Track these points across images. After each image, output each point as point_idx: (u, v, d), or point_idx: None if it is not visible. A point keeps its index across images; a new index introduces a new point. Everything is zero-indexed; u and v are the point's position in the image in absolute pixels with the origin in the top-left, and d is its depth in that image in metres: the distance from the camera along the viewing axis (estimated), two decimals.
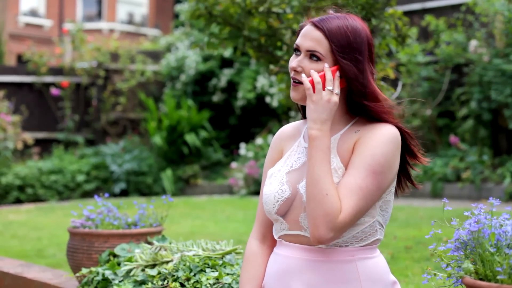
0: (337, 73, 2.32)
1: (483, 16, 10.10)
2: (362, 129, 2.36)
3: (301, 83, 2.35)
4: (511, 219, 2.20)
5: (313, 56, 2.33)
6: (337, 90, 2.30)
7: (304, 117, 2.56)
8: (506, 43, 9.80)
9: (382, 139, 2.31)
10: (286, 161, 2.46)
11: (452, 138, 10.14)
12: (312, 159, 2.26)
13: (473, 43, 10.12)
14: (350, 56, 2.31)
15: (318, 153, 2.25)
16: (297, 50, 2.38)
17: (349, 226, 2.27)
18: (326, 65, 2.31)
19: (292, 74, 2.38)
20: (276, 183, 2.40)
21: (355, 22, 2.36)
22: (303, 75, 2.32)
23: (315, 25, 2.34)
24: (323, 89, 2.29)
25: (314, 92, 2.29)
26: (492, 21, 9.97)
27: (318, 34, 2.33)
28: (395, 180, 2.39)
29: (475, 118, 9.98)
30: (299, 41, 2.37)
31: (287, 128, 2.59)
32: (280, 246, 2.45)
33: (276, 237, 2.47)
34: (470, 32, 10.40)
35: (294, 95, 2.38)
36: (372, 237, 2.36)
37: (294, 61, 2.36)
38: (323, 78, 2.30)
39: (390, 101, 2.41)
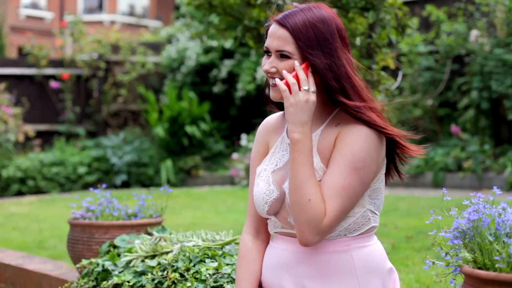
0: (309, 69, 2.26)
1: (484, 6, 10.08)
2: (342, 122, 2.30)
3: None
4: (510, 208, 2.20)
5: (282, 55, 2.28)
6: (313, 88, 2.25)
7: (281, 109, 2.52)
8: (507, 32, 9.78)
9: (362, 132, 2.26)
10: (271, 159, 2.42)
11: (453, 128, 10.13)
12: (294, 163, 2.22)
13: (474, 33, 10.09)
14: (319, 50, 2.25)
15: (300, 157, 2.21)
16: (267, 51, 2.33)
17: (335, 226, 2.25)
18: (297, 64, 2.26)
19: (268, 76, 2.34)
20: (263, 183, 2.37)
21: (321, 11, 2.30)
22: (277, 79, 2.27)
23: (279, 23, 2.29)
24: (299, 90, 2.23)
25: (290, 93, 2.24)
26: (493, 10, 9.95)
27: (283, 32, 2.27)
28: (384, 168, 2.36)
29: (476, 107, 9.96)
30: (267, 42, 2.32)
31: (271, 120, 2.54)
32: (275, 239, 2.44)
33: (271, 233, 2.46)
34: (471, 22, 10.37)
35: (274, 95, 2.33)
36: (366, 226, 2.34)
37: (266, 64, 2.32)
38: (297, 78, 2.25)
39: (370, 94, 2.34)
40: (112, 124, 13.72)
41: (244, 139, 12.21)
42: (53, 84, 13.38)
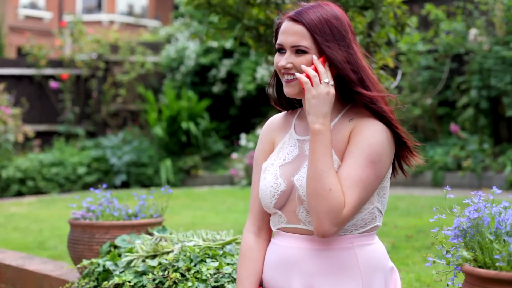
0: (327, 63, 2.31)
1: (483, 4, 10.08)
2: (356, 117, 2.36)
3: (294, 79, 2.34)
4: (511, 207, 2.20)
5: (298, 50, 2.32)
6: (332, 81, 2.30)
7: (286, 109, 2.55)
8: (506, 31, 9.78)
9: (378, 127, 2.31)
10: (279, 154, 2.45)
11: (453, 127, 10.13)
12: (315, 153, 2.25)
13: (473, 31, 10.09)
14: (336, 43, 2.31)
15: (321, 147, 2.25)
16: (280, 49, 2.37)
17: (351, 218, 2.28)
18: (315, 57, 2.30)
19: (282, 72, 2.37)
20: (270, 177, 2.39)
21: (331, 7, 2.35)
22: (297, 73, 2.31)
23: (294, 19, 2.33)
24: (320, 82, 2.28)
25: (312, 86, 2.28)
26: (492, 9, 9.95)
27: (298, 28, 2.31)
28: (391, 166, 2.40)
29: (475, 106, 9.96)
30: (281, 39, 2.36)
31: (276, 119, 2.57)
32: (278, 236, 2.44)
33: (274, 229, 2.47)
34: (469, 21, 10.37)
35: (290, 90, 2.36)
36: (371, 224, 2.37)
37: (282, 60, 2.35)
38: (316, 71, 2.29)
39: (382, 86, 2.42)
40: (112, 124, 13.72)
41: (243, 139, 12.21)
42: (53, 84, 13.38)
